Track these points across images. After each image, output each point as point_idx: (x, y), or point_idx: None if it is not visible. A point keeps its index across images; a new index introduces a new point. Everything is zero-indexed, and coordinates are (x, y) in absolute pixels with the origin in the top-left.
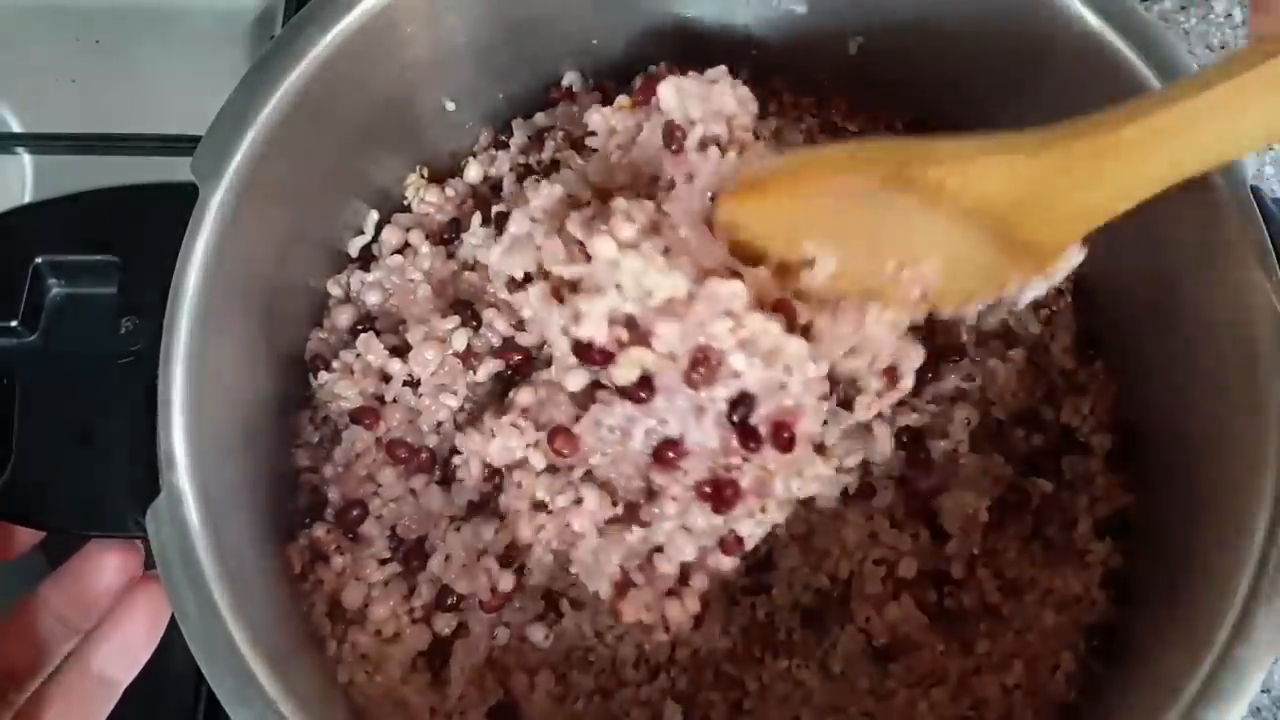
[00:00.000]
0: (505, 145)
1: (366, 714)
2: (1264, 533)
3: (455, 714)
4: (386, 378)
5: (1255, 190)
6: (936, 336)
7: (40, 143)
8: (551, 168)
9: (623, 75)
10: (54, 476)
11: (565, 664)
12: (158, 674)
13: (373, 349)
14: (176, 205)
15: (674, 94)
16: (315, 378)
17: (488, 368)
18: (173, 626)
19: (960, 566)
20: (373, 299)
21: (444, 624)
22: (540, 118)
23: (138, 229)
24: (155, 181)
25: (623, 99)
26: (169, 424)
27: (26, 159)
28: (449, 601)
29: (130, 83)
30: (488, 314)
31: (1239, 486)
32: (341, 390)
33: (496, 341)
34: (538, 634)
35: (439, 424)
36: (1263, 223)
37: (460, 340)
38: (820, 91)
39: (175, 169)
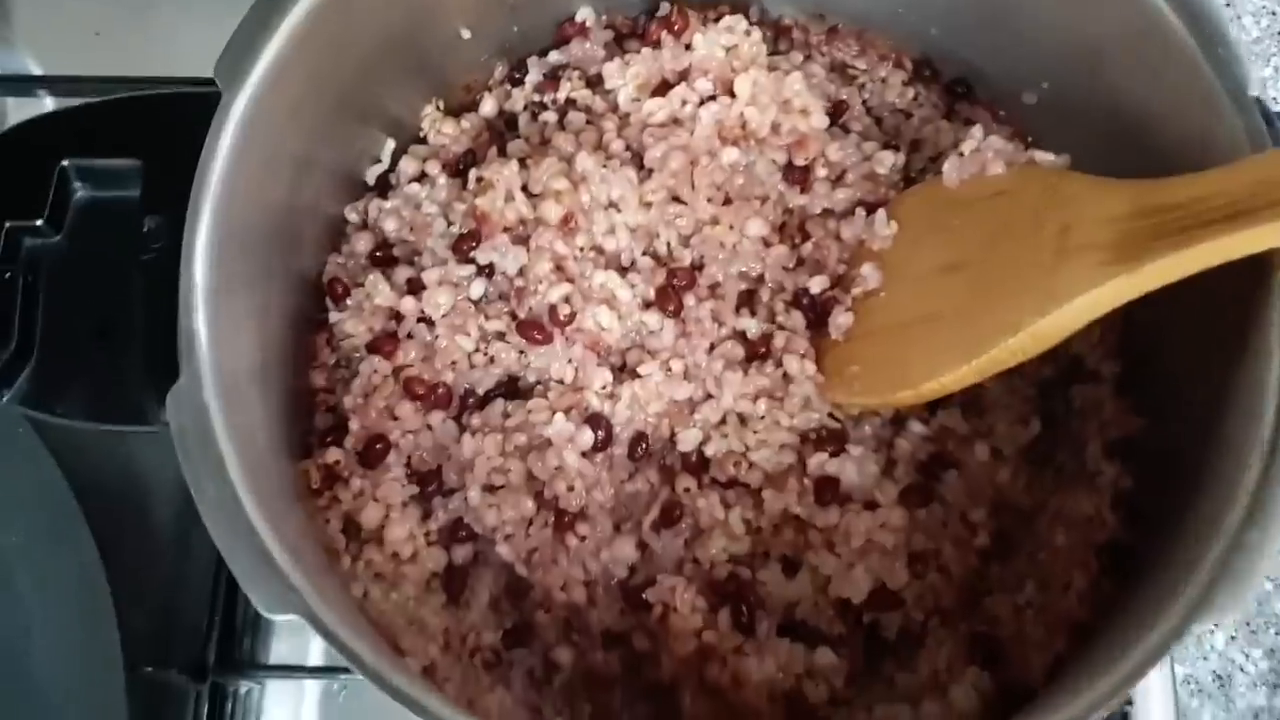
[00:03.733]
0: (520, 81)
1: (379, 628)
2: (1264, 446)
3: (471, 634)
4: (398, 316)
5: (1259, 102)
6: None
7: (62, 84)
8: (567, 107)
9: (635, 10)
10: (75, 370)
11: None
12: (178, 558)
13: (380, 291)
14: (198, 111)
15: (749, 87)
16: (333, 303)
17: (499, 323)
18: (193, 511)
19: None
20: (390, 226)
21: (461, 555)
22: (555, 55)
23: (160, 134)
24: (175, 91)
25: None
26: (190, 306)
27: (49, 101)
28: (461, 534)
29: (152, 33)
30: (495, 252)
31: (1242, 405)
32: (351, 329)
33: (507, 288)
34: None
35: (453, 362)
36: (1265, 130)
37: (477, 289)
38: (830, 28)
39: None
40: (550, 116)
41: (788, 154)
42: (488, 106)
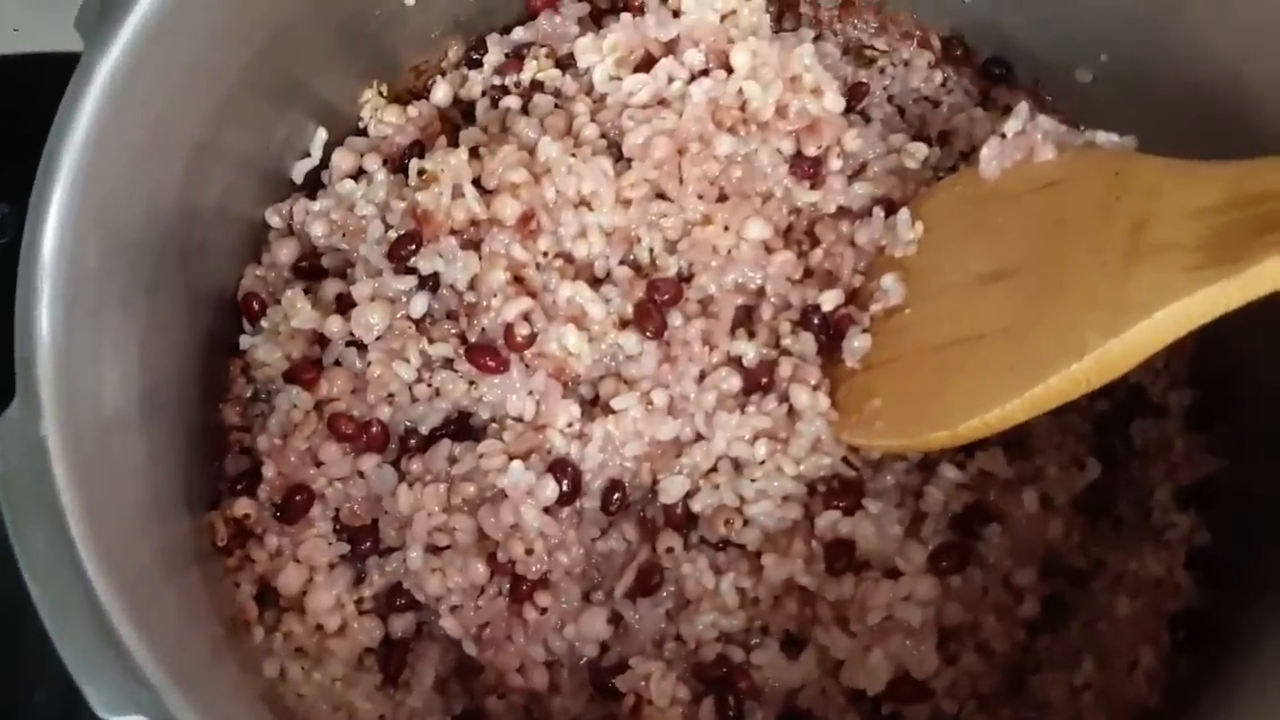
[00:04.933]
0: (478, 63)
1: (298, 716)
2: None
3: None
4: (323, 340)
5: None
6: None
7: None
8: (532, 90)
9: None
10: None
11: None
12: None
13: (299, 310)
14: (60, 79)
15: (749, 59)
16: (249, 324)
17: (446, 347)
18: None
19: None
20: (318, 231)
21: (401, 626)
22: (520, 33)
23: (12, 106)
24: (34, 52)
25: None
26: (31, 317)
27: None
28: (400, 602)
29: None
30: (440, 258)
31: None
32: (265, 356)
33: (455, 305)
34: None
35: (390, 395)
36: None
37: (419, 305)
38: (843, 2)
39: None
40: (513, 102)
41: (796, 142)
42: (440, 93)
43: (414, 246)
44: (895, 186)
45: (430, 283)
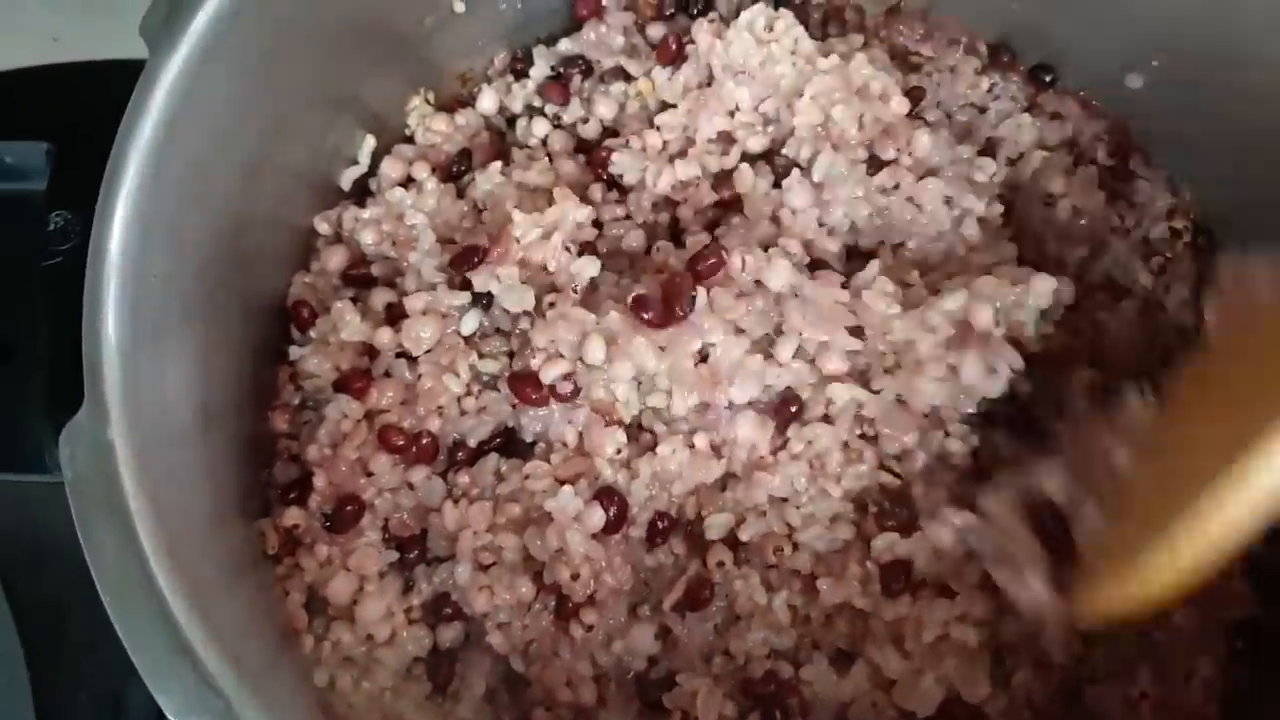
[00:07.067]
0: (524, 74)
1: None
2: None
3: None
4: (372, 351)
5: None
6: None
7: None
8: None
9: None
10: None
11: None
12: None
13: (348, 323)
14: (124, 85)
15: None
16: (299, 331)
17: (494, 364)
18: None
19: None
20: (368, 239)
21: (449, 636)
22: (565, 44)
23: (77, 113)
24: (97, 60)
25: (642, 84)
26: (98, 321)
27: None
28: (447, 611)
29: None
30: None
31: None
32: (315, 367)
33: (507, 326)
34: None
35: (439, 407)
36: None
37: (470, 323)
38: (889, 8)
39: None
40: (558, 142)
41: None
42: (486, 101)
43: (477, 261)
44: (963, 190)
45: (484, 300)
